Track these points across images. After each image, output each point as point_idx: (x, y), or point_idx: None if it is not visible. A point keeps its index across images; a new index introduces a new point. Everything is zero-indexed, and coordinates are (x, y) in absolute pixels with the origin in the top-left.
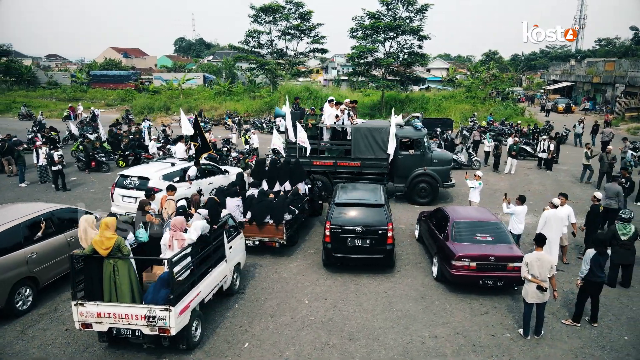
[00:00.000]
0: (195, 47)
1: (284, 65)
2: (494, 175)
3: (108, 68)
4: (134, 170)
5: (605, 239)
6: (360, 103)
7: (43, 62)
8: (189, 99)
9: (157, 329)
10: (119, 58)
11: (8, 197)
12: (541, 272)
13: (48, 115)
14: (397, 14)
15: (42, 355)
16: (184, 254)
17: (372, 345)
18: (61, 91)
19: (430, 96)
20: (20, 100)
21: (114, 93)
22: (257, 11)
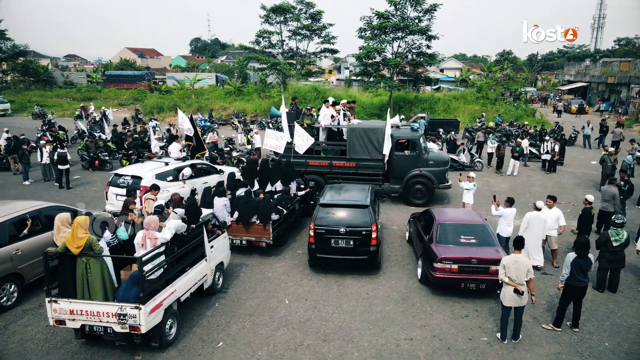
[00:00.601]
0: (210, 48)
1: (294, 65)
2: (495, 177)
3: (123, 68)
4: (128, 169)
5: (600, 243)
6: (369, 103)
7: (61, 62)
8: (200, 99)
9: (127, 326)
10: (134, 58)
11: (12, 194)
12: (518, 275)
13: (61, 115)
14: (406, 13)
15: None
16: (156, 253)
17: (346, 347)
18: (76, 91)
19: (440, 96)
20: (36, 100)
21: (127, 93)
22: (268, 11)
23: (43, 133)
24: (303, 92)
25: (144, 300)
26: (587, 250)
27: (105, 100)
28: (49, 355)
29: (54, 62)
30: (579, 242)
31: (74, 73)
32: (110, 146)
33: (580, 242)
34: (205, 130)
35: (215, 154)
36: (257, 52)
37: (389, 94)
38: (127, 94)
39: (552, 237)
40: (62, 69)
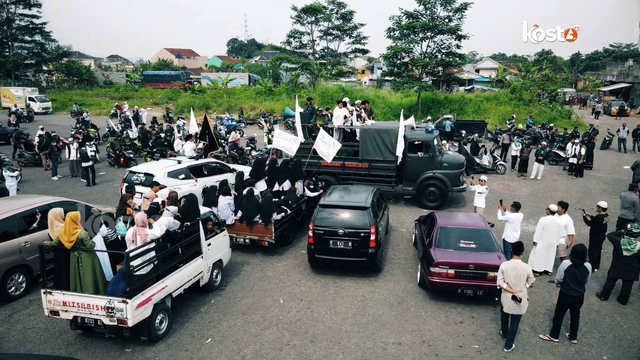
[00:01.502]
0: (246, 48)
1: (325, 65)
2: (517, 180)
3: (160, 68)
4: (141, 167)
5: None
6: (398, 104)
7: (105, 62)
8: (231, 99)
9: (115, 319)
10: (171, 58)
11: (40, 188)
12: (517, 282)
13: (97, 113)
14: (435, 13)
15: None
16: (144, 249)
17: (332, 349)
18: (114, 90)
19: (471, 97)
20: (76, 99)
21: (162, 92)
22: (299, 12)
23: (76, 131)
24: (330, 92)
25: (130, 295)
26: (582, 258)
27: (141, 99)
28: (46, 344)
29: (98, 63)
30: (574, 250)
31: (113, 73)
32: (137, 144)
33: (575, 250)
34: (231, 129)
35: (235, 153)
36: (288, 52)
37: (417, 95)
38: (162, 93)
39: (560, 245)
40: (105, 69)
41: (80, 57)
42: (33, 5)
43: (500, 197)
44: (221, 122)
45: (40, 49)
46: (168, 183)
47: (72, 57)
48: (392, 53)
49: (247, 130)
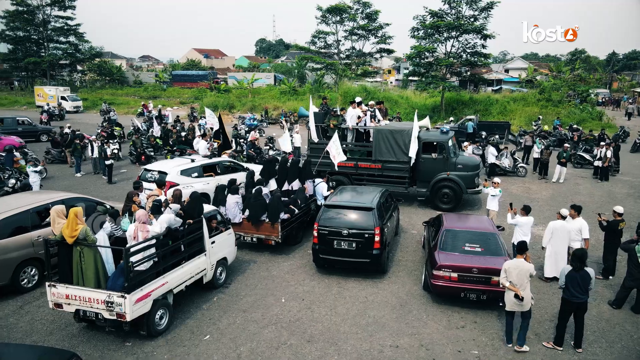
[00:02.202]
0: (274, 48)
1: (350, 65)
2: (538, 184)
3: (188, 68)
4: (155, 164)
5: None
6: (422, 104)
7: (136, 62)
8: (255, 98)
9: (115, 313)
10: (199, 59)
11: (63, 184)
12: (519, 280)
13: (125, 112)
14: (461, 12)
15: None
16: (144, 245)
17: (328, 349)
18: (143, 90)
19: (498, 98)
20: (107, 98)
21: (189, 92)
22: (324, 12)
23: (102, 129)
24: (353, 93)
25: (129, 290)
26: (581, 262)
27: (168, 98)
28: (51, 335)
29: (129, 63)
30: (574, 254)
31: (143, 73)
32: (158, 142)
33: (574, 254)
34: (251, 128)
35: (252, 152)
36: (313, 52)
37: (441, 95)
38: (189, 92)
39: (574, 249)
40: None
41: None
42: (68, 7)
43: (519, 200)
44: (242, 121)
45: (74, 50)
46: (181, 181)
47: (104, 57)
48: (415, 53)
49: (269, 129)
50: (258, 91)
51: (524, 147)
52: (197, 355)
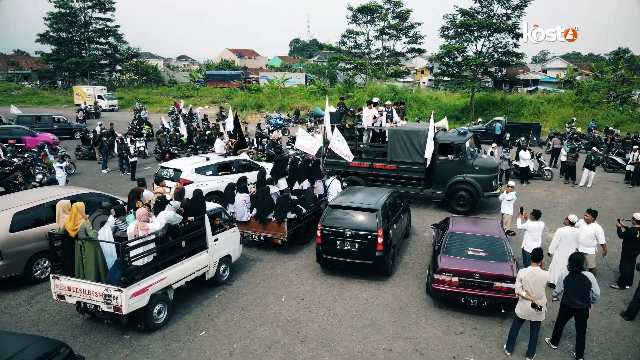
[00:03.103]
0: (308, 48)
1: (380, 65)
2: (564, 188)
3: (222, 68)
4: (171, 162)
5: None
6: (451, 105)
7: (174, 62)
8: (285, 98)
9: (112, 306)
10: (233, 59)
11: (89, 180)
12: (535, 289)
13: (158, 110)
14: (492, 10)
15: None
16: (141, 241)
17: (320, 350)
18: (176, 89)
19: (532, 99)
20: (142, 97)
21: (221, 91)
22: (355, 12)
23: (131, 127)
24: (380, 93)
25: (125, 284)
26: (578, 266)
27: (200, 97)
28: (56, 325)
29: (167, 63)
30: (570, 258)
31: (178, 73)
32: (183, 140)
33: (571, 258)
34: (276, 128)
35: (273, 151)
36: (343, 52)
37: (470, 96)
38: (221, 92)
39: (588, 255)
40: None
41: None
42: (108, 10)
43: (541, 205)
44: (268, 120)
45: (113, 50)
46: (195, 179)
47: (142, 57)
48: (443, 53)
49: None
50: (288, 91)
51: (552, 150)
52: (190, 351)
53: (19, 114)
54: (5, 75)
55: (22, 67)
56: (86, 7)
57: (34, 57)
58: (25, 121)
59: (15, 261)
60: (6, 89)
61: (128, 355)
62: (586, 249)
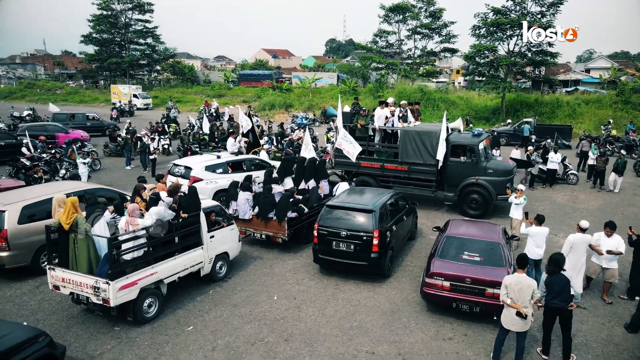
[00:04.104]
0: (344, 48)
1: (412, 65)
2: (589, 192)
3: (255, 68)
4: (182, 160)
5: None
6: (482, 106)
7: (211, 62)
8: (315, 98)
9: (101, 299)
10: (267, 58)
11: (112, 176)
12: (520, 297)
13: (190, 109)
14: (526, 8)
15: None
16: (130, 236)
17: (302, 350)
18: (210, 89)
19: (569, 99)
20: (176, 96)
21: (253, 91)
22: (387, 11)
23: (158, 126)
24: (408, 93)
25: (112, 277)
26: (556, 267)
27: (232, 97)
28: (53, 315)
29: (204, 63)
30: (550, 258)
31: (213, 72)
32: (205, 139)
33: (551, 258)
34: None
35: (291, 150)
36: (374, 52)
37: (502, 96)
38: (253, 91)
39: (610, 270)
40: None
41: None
42: (146, 11)
43: (562, 210)
44: (293, 120)
45: (151, 51)
46: (205, 176)
47: (180, 58)
48: (473, 52)
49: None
50: (319, 91)
51: (581, 153)
52: (175, 345)
53: (56, 111)
54: (51, 75)
55: (67, 67)
56: (126, 9)
57: (79, 57)
58: (61, 119)
59: (23, 252)
60: (51, 88)
61: (114, 347)
62: (609, 263)
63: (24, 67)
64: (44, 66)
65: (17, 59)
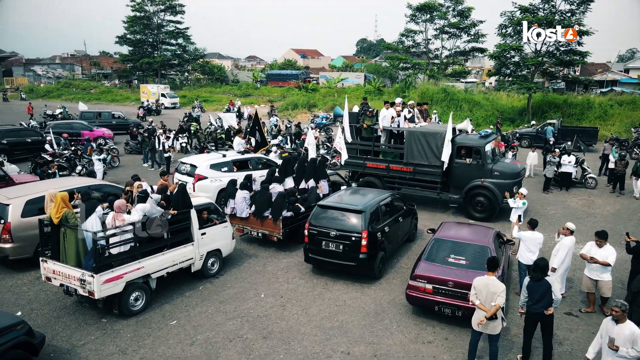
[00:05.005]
0: (375, 48)
1: (439, 65)
2: (606, 197)
3: (284, 68)
4: (189, 158)
5: (633, 290)
6: (509, 107)
7: (242, 62)
8: (339, 98)
9: (87, 291)
10: (296, 58)
11: (128, 173)
12: (487, 300)
13: (215, 108)
14: (555, 6)
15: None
16: (114, 232)
17: (278, 348)
18: (237, 88)
19: (602, 100)
20: (204, 96)
21: (279, 90)
22: (414, 10)
23: (163, 127)
24: (431, 93)
25: (96, 271)
26: (541, 272)
27: (258, 96)
28: (48, 305)
29: (235, 63)
30: (535, 264)
31: (242, 72)
32: (222, 137)
33: (536, 264)
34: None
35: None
36: (400, 51)
37: (528, 97)
38: (279, 91)
39: (601, 282)
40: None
41: (220, 58)
42: (178, 13)
43: (574, 215)
44: (312, 120)
45: (182, 51)
46: (210, 175)
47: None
48: (498, 52)
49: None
50: (345, 91)
51: (603, 156)
52: (156, 338)
53: (84, 110)
54: (88, 75)
55: (103, 67)
56: (159, 11)
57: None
58: (88, 117)
59: (26, 244)
60: (86, 87)
61: (98, 338)
62: (600, 275)
63: (63, 67)
64: (82, 66)
65: (57, 59)
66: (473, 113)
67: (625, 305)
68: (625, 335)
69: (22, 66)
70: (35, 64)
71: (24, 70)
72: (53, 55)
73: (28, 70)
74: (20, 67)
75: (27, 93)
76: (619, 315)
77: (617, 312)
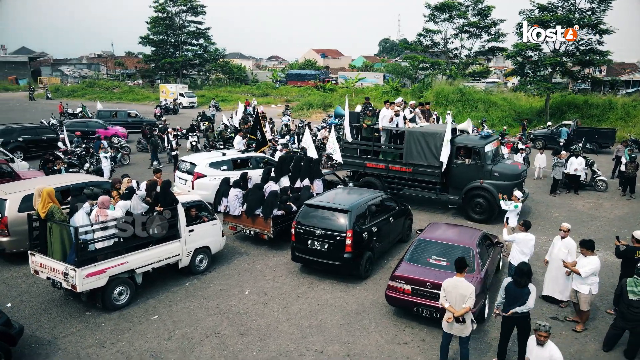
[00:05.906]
0: (397, 48)
1: (458, 65)
2: (615, 201)
3: (304, 67)
4: (189, 156)
5: (616, 294)
6: (527, 108)
7: (264, 62)
8: (357, 98)
9: (70, 284)
10: (316, 58)
11: (136, 171)
12: (457, 301)
13: (232, 108)
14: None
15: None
16: (96, 227)
17: (252, 344)
18: (255, 88)
19: (625, 101)
20: (223, 95)
21: (297, 90)
22: (433, 9)
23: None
24: (446, 93)
25: (78, 265)
26: (525, 277)
27: (276, 96)
28: (38, 297)
29: (257, 63)
30: (518, 268)
31: (262, 72)
32: (232, 136)
33: (520, 269)
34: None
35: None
36: (419, 51)
37: (546, 97)
38: (297, 91)
39: (580, 294)
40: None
41: (241, 58)
42: (199, 13)
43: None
44: (325, 119)
45: (203, 51)
46: (209, 173)
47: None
48: (514, 52)
49: None
50: (363, 91)
51: (615, 158)
52: (135, 332)
53: (101, 109)
54: (112, 75)
55: (127, 67)
56: (181, 12)
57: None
58: (105, 116)
59: (22, 238)
60: (109, 87)
61: (80, 330)
62: (579, 286)
63: (89, 67)
64: (107, 66)
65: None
66: (489, 114)
67: (549, 327)
68: (544, 358)
69: (49, 66)
70: (63, 64)
71: (52, 70)
72: (81, 55)
73: (55, 70)
74: (48, 67)
75: (53, 92)
76: (544, 340)
77: (542, 336)
